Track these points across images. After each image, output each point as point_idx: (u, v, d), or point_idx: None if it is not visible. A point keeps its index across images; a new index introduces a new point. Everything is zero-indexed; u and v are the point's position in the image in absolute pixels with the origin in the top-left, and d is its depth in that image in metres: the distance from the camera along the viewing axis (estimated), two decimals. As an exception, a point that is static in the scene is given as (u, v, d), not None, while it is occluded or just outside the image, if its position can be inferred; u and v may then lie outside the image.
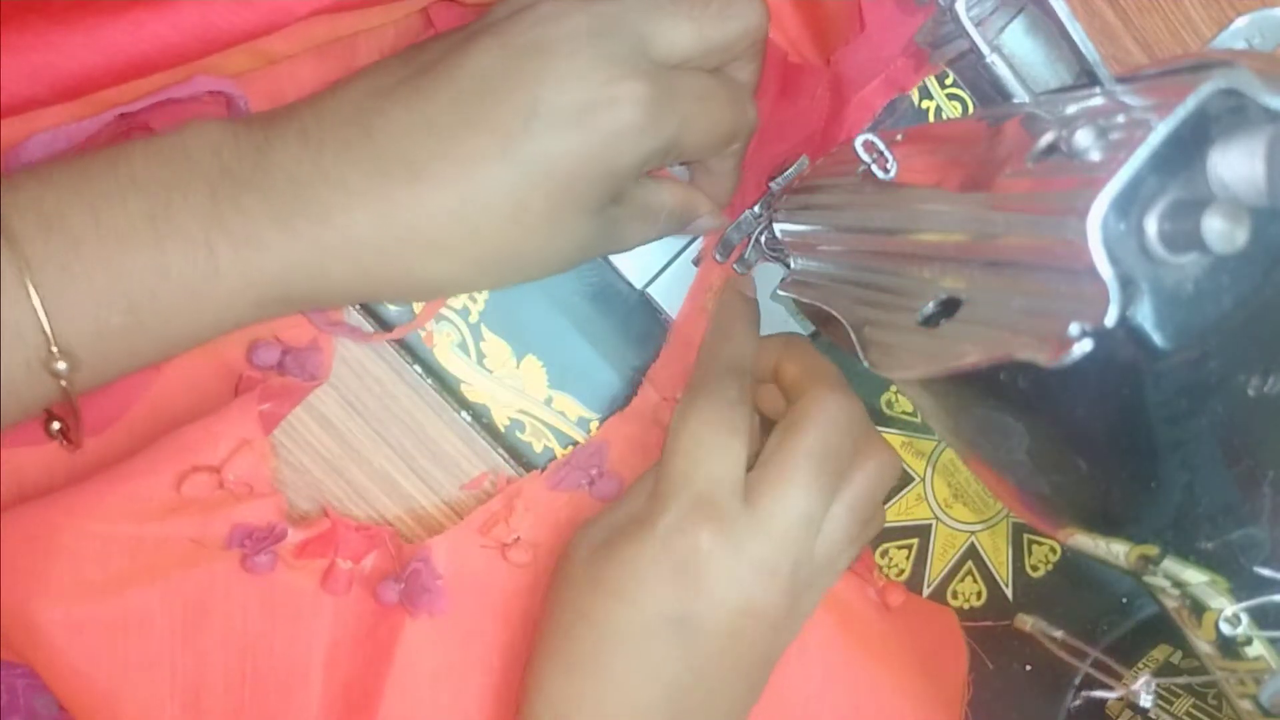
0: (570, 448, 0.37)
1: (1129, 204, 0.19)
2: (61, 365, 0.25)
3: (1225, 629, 0.24)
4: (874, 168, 0.27)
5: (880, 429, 0.40)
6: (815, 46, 0.37)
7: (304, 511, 0.35)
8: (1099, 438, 0.22)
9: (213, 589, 0.32)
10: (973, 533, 0.42)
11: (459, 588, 0.35)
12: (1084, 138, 0.19)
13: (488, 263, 0.29)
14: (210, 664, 0.32)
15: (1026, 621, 0.39)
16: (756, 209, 0.37)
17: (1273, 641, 0.24)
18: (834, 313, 0.30)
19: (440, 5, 0.33)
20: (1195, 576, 0.24)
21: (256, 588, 0.33)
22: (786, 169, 0.36)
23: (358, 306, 0.34)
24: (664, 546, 0.30)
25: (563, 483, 0.36)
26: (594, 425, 0.37)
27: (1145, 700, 0.29)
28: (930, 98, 0.40)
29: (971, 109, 0.39)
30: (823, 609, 0.38)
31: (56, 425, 0.29)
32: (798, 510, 0.30)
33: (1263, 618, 0.24)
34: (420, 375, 0.36)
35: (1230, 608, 0.24)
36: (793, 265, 0.34)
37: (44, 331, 0.25)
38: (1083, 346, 0.19)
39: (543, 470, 0.36)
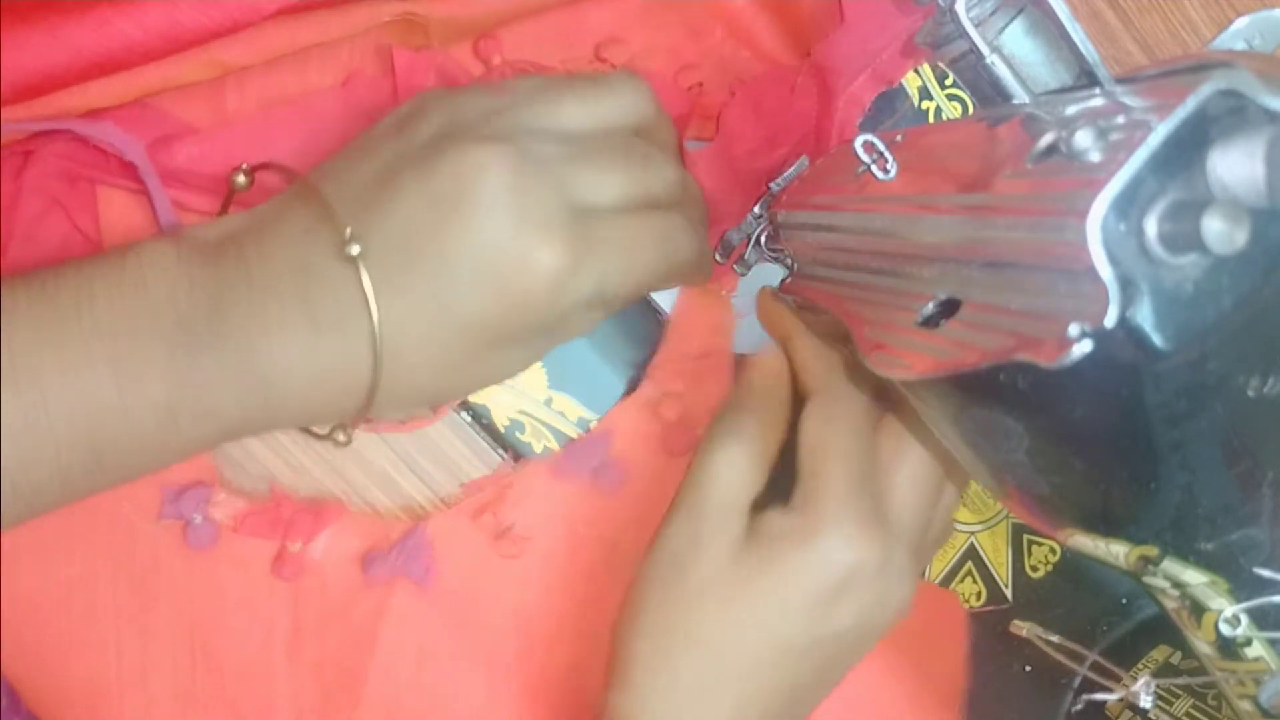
0: (570, 448, 0.37)
1: (1129, 205, 0.19)
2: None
3: (1225, 630, 0.24)
4: (873, 168, 0.27)
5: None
6: (795, 50, 0.37)
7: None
8: (1099, 438, 0.22)
9: (156, 569, 0.32)
10: (972, 533, 0.42)
11: (449, 570, 0.35)
12: (1084, 138, 0.19)
13: (425, 399, 0.32)
14: (156, 644, 0.32)
15: (1022, 627, 0.39)
16: (756, 210, 0.37)
17: (1272, 642, 0.24)
18: (834, 314, 0.30)
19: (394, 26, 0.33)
20: (1195, 577, 0.24)
21: (203, 568, 0.33)
22: (786, 170, 0.36)
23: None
24: (827, 566, 0.28)
25: (563, 471, 0.36)
26: (594, 425, 0.37)
27: (1145, 701, 0.29)
28: (930, 98, 0.40)
29: (971, 109, 0.39)
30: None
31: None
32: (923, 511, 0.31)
33: (1262, 618, 0.24)
34: (420, 375, 0.36)
35: (1230, 609, 0.24)
36: (793, 265, 0.34)
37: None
38: (1082, 347, 0.19)
39: (547, 458, 0.36)
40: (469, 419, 0.36)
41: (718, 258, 0.37)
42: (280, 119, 0.32)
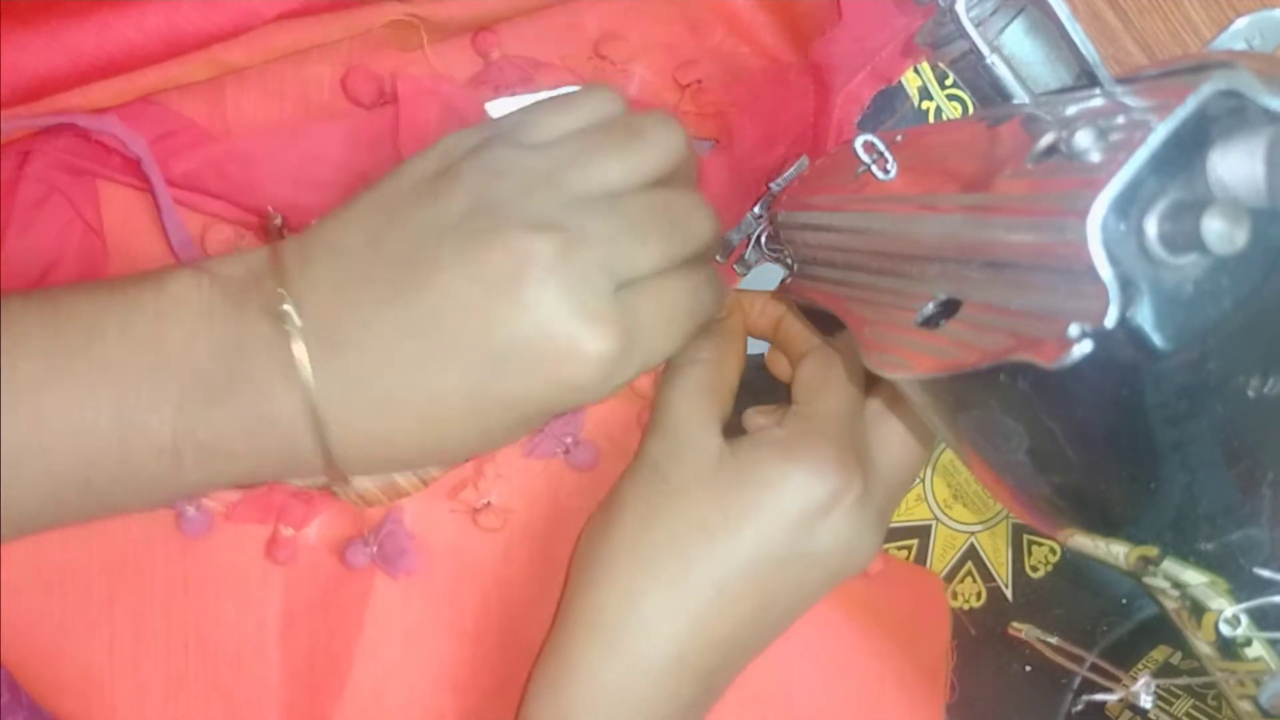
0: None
1: (1129, 205, 0.19)
2: None
3: (1225, 630, 0.24)
4: (874, 169, 0.27)
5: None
6: (794, 48, 0.37)
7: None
8: (1099, 439, 0.22)
9: (150, 555, 0.32)
10: (972, 533, 0.42)
11: (429, 551, 0.35)
12: (1084, 139, 0.19)
13: (443, 463, 0.32)
14: (149, 631, 0.32)
15: (1021, 629, 0.39)
16: (756, 210, 0.37)
17: (1272, 643, 0.24)
18: (834, 313, 0.30)
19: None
20: (1195, 577, 0.24)
21: (196, 555, 0.33)
22: (786, 170, 0.36)
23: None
24: (812, 484, 0.30)
25: (537, 450, 0.36)
26: None
27: (1145, 701, 0.29)
28: (930, 98, 0.40)
29: (971, 110, 0.39)
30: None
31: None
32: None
33: (1262, 619, 0.24)
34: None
35: (1230, 609, 0.24)
36: (793, 266, 0.34)
37: None
38: (1082, 347, 0.19)
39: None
40: (469, 419, 0.36)
41: (718, 258, 0.37)
42: (282, 136, 0.32)
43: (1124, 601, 0.43)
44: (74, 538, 0.32)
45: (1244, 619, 0.24)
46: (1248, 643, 0.24)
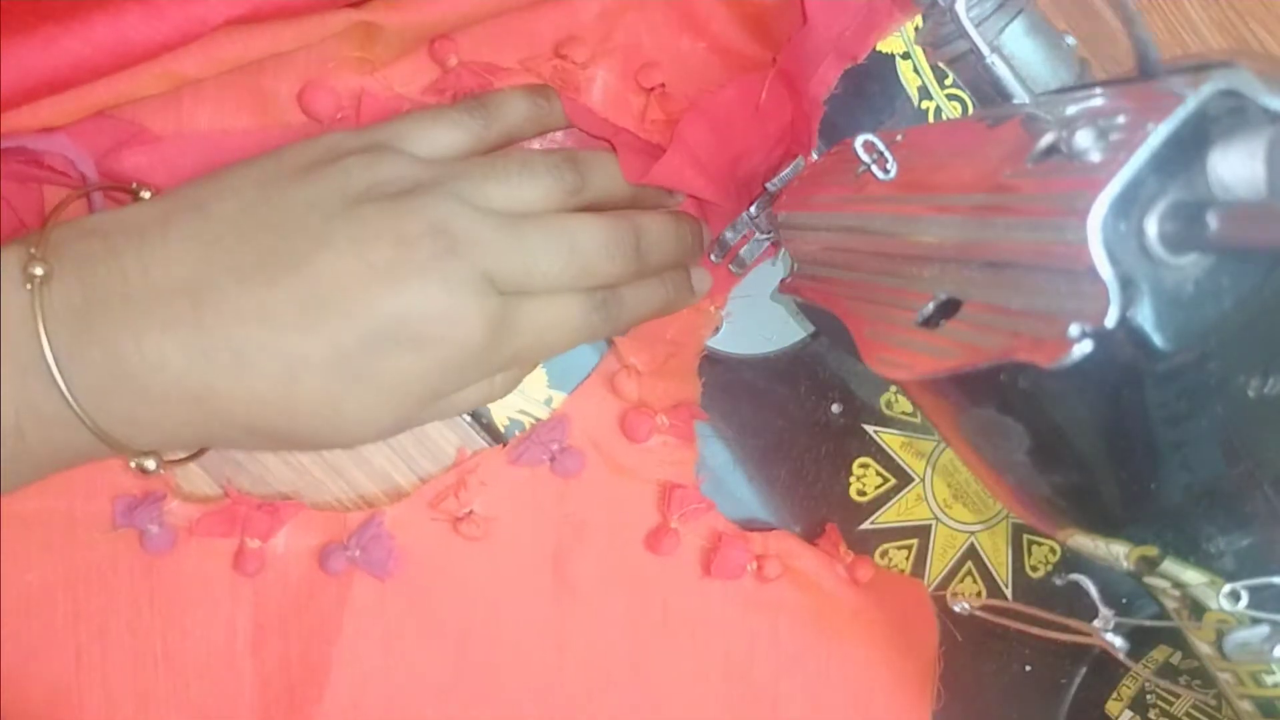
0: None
1: (1129, 205, 0.19)
2: None
3: (1226, 605, 0.24)
4: (874, 168, 0.27)
5: (880, 429, 0.40)
6: (756, 40, 0.37)
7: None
8: (1099, 439, 0.22)
9: (114, 572, 0.33)
10: (972, 533, 0.42)
11: (409, 557, 0.35)
12: (1084, 138, 0.19)
13: (305, 443, 0.31)
14: (116, 647, 0.32)
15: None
16: (753, 209, 0.37)
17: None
18: (834, 313, 0.30)
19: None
20: (1195, 577, 0.24)
21: (161, 571, 0.33)
22: (783, 170, 0.36)
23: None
24: None
25: (523, 458, 0.36)
26: (553, 410, 0.37)
27: (1107, 634, 0.29)
28: (930, 98, 0.40)
29: (971, 109, 0.39)
30: (793, 588, 0.38)
31: None
32: None
33: (1261, 607, 0.24)
34: (420, 375, 0.36)
35: (1229, 585, 0.24)
36: (793, 266, 0.34)
37: None
38: (1083, 347, 0.19)
39: (504, 445, 0.36)
40: (469, 419, 0.36)
41: (713, 258, 0.37)
42: (236, 136, 0.32)
43: (1124, 601, 0.43)
44: (37, 559, 0.32)
45: (1244, 595, 0.24)
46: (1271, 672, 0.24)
